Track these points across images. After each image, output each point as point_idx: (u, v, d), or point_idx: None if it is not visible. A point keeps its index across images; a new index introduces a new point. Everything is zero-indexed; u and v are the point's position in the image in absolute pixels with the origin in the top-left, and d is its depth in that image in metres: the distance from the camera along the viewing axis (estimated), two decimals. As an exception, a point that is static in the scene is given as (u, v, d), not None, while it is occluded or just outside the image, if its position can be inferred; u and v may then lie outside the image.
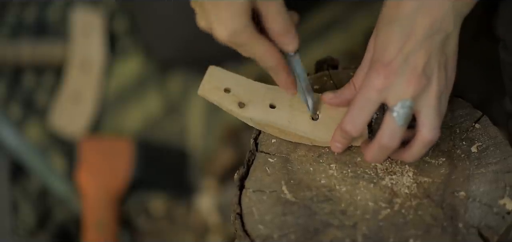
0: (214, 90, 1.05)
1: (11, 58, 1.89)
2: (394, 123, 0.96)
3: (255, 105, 1.04)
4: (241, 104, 1.04)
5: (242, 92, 1.05)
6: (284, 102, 1.05)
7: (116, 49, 1.95)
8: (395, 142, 0.97)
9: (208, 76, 1.06)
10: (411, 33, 0.95)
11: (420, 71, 0.95)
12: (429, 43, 0.95)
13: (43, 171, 1.75)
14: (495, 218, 0.96)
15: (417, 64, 0.95)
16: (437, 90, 0.96)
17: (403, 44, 0.95)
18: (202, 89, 1.05)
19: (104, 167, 1.81)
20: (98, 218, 1.75)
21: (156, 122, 1.89)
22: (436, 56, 0.96)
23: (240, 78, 1.06)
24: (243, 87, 1.05)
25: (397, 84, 0.95)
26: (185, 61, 1.88)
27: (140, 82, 1.91)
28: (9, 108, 1.87)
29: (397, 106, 0.96)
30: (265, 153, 1.04)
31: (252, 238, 0.97)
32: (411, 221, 0.97)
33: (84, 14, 1.95)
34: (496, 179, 0.99)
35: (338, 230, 0.97)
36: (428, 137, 0.97)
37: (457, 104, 1.07)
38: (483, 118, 1.05)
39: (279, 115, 1.04)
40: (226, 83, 1.05)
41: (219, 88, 1.05)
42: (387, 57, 0.95)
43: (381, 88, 0.95)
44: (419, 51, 0.95)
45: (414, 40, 0.95)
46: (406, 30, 0.95)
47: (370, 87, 0.96)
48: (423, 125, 0.97)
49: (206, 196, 1.82)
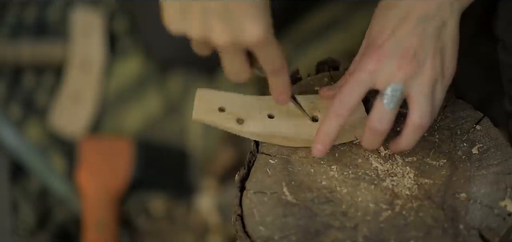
0: (209, 112, 1.03)
1: (11, 58, 1.89)
2: (382, 106, 0.96)
3: (254, 119, 1.04)
4: (240, 121, 1.03)
5: (237, 108, 1.04)
6: (281, 110, 1.05)
7: (116, 49, 1.95)
8: (384, 125, 0.97)
9: (199, 99, 1.04)
10: (405, 17, 0.95)
11: (412, 55, 0.95)
12: (423, 28, 0.95)
13: (43, 171, 1.75)
14: (496, 219, 0.96)
15: (409, 48, 0.95)
16: (430, 77, 0.96)
17: (396, 28, 0.95)
18: (196, 113, 1.03)
19: (104, 167, 1.81)
20: (98, 218, 1.75)
21: (156, 122, 1.89)
22: (431, 42, 0.96)
23: (231, 95, 1.05)
24: (237, 103, 1.04)
25: (387, 67, 0.95)
26: (185, 61, 1.87)
27: (140, 82, 1.91)
28: (9, 108, 1.87)
29: (387, 90, 0.96)
30: (266, 154, 1.04)
31: (253, 239, 0.97)
32: (412, 223, 0.97)
33: (84, 14, 1.95)
34: (497, 180, 0.99)
35: (339, 231, 0.97)
36: (417, 121, 0.97)
37: (458, 106, 1.07)
38: (484, 120, 1.05)
39: (281, 123, 1.04)
40: (218, 103, 1.04)
41: (213, 109, 1.03)
42: (379, 41, 0.96)
43: (372, 71, 0.96)
44: (412, 35, 0.95)
45: (408, 24, 0.95)
46: (401, 15, 0.95)
47: (362, 69, 0.96)
48: (413, 109, 0.97)
49: (206, 196, 1.82)
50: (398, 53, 0.95)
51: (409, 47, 0.95)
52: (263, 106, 1.05)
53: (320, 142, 1.00)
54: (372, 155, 1.04)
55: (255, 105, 1.05)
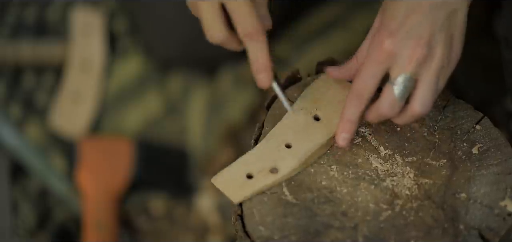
0: (244, 187, 1.00)
1: (11, 58, 1.89)
2: (393, 96, 0.97)
3: (283, 159, 1.02)
4: (274, 170, 1.01)
5: (261, 163, 1.01)
6: (290, 135, 1.03)
7: (116, 49, 1.95)
8: (394, 113, 0.98)
9: (223, 186, 1.00)
10: (417, 5, 0.95)
11: (424, 43, 0.95)
12: (435, 15, 0.95)
13: (43, 171, 1.75)
14: (496, 219, 0.96)
15: (422, 36, 0.95)
16: (438, 65, 0.96)
17: (409, 15, 0.95)
18: (235, 198, 0.99)
19: (104, 167, 1.81)
20: (98, 218, 1.75)
21: (156, 122, 1.89)
22: (442, 30, 0.96)
23: (244, 158, 1.02)
24: (255, 158, 1.02)
25: (401, 54, 0.95)
26: (185, 61, 1.87)
27: (140, 82, 1.91)
28: (9, 108, 1.87)
29: (398, 80, 0.96)
30: (266, 154, 1.04)
31: (253, 239, 0.97)
32: (412, 223, 0.97)
33: (84, 14, 1.95)
34: (497, 180, 0.99)
35: (339, 231, 0.97)
36: (417, 110, 0.98)
37: (458, 106, 1.07)
38: (484, 120, 1.05)
39: (301, 145, 1.03)
40: (240, 173, 1.01)
41: (244, 181, 1.00)
42: (392, 26, 0.95)
43: (390, 52, 0.95)
44: (425, 23, 0.95)
45: (420, 11, 0.95)
46: (413, 2, 0.95)
47: (380, 49, 0.96)
48: (416, 98, 0.97)
49: (206, 196, 1.82)
50: (412, 40, 0.95)
51: (422, 35, 0.95)
52: (276, 144, 1.03)
53: (346, 130, 1.01)
54: (372, 155, 1.04)
55: (269, 147, 1.03)
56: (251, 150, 1.03)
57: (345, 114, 1.01)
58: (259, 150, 1.02)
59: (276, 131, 1.04)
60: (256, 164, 1.01)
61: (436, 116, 1.06)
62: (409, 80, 0.96)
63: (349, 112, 1.00)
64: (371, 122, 1.03)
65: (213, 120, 1.87)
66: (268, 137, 1.03)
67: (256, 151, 1.02)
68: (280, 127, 1.04)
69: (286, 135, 1.03)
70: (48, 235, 1.77)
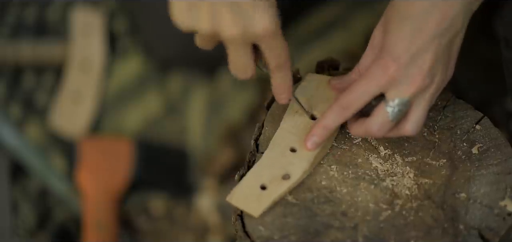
0: (260, 199, 0.99)
1: (11, 58, 1.89)
2: (386, 116, 0.97)
3: (291, 164, 1.01)
4: (286, 177, 1.01)
5: (272, 172, 1.01)
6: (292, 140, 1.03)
7: (116, 49, 1.95)
8: (382, 134, 0.99)
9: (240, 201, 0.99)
10: (421, 30, 0.95)
11: (425, 73, 0.95)
12: (437, 43, 0.95)
13: (43, 171, 1.75)
14: (496, 219, 0.96)
15: (424, 65, 0.95)
16: (434, 91, 0.97)
17: (412, 42, 0.95)
18: (255, 211, 0.98)
19: (104, 167, 1.81)
20: (98, 218, 1.75)
21: (156, 122, 1.89)
22: (443, 57, 0.96)
23: (254, 170, 1.01)
24: (265, 169, 1.01)
25: (401, 81, 0.96)
26: (185, 61, 1.87)
27: (140, 82, 1.91)
28: (9, 108, 1.87)
29: (394, 102, 0.96)
30: (265, 154, 1.04)
31: (252, 239, 0.97)
32: (412, 222, 0.97)
33: (84, 14, 1.95)
34: (497, 180, 0.99)
35: (339, 231, 0.97)
36: (409, 131, 0.99)
37: (458, 106, 1.07)
38: (484, 120, 1.05)
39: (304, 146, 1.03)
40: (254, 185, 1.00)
41: (259, 193, 0.99)
42: (396, 53, 0.95)
43: (386, 81, 0.96)
44: (427, 51, 0.95)
45: (423, 38, 0.95)
46: (417, 27, 0.95)
47: (374, 78, 0.97)
48: (409, 120, 0.98)
49: (206, 196, 1.82)
50: (414, 69, 0.95)
51: (424, 64, 0.95)
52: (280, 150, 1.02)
53: (318, 134, 1.01)
54: (372, 154, 1.04)
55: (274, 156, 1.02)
56: (258, 162, 1.02)
57: (323, 120, 1.00)
58: (266, 160, 1.02)
59: (278, 138, 1.04)
60: (267, 174, 1.00)
61: (436, 116, 1.06)
62: (405, 104, 0.96)
63: (329, 119, 1.00)
64: (354, 135, 1.03)
65: (213, 120, 1.87)
66: (271, 146, 1.03)
67: (263, 161, 1.02)
68: (281, 133, 1.04)
69: (289, 139, 1.03)
70: (48, 235, 1.77)
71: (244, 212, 0.98)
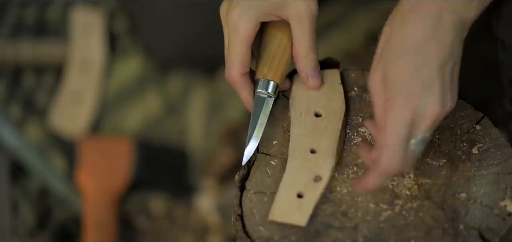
0: (300, 207, 0.98)
1: (11, 58, 1.89)
2: (414, 155, 0.95)
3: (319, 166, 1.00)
4: (317, 178, 1.00)
5: (303, 178, 1.00)
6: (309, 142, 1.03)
7: (116, 49, 1.95)
8: (405, 168, 0.96)
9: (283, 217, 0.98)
10: (425, 63, 0.93)
11: (439, 100, 0.94)
12: (442, 72, 0.94)
13: (43, 171, 1.75)
14: (496, 219, 0.96)
15: (436, 92, 0.94)
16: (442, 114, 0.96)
17: (418, 71, 0.93)
18: (301, 219, 0.97)
19: (104, 167, 1.81)
20: (98, 218, 1.75)
21: (156, 122, 1.89)
22: (447, 84, 0.95)
23: (285, 181, 1.00)
24: (296, 177, 1.00)
25: (420, 114, 0.94)
26: (185, 61, 1.87)
27: (140, 82, 1.91)
28: (9, 108, 1.87)
29: (417, 139, 0.95)
30: (266, 154, 1.04)
31: (253, 239, 0.97)
32: (412, 223, 0.97)
33: (84, 14, 1.95)
34: (497, 180, 0.99)
35: (339, 231, 0.97)
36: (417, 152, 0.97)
37: (458, 106, 1.07)
38: (484, 120, 1.05)
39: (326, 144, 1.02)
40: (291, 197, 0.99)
41: (298, 203, 0.98)
42: (406, 90, 0.93)
43: (410, 122, 0.94)
44: (435, 81, 0.93)
45: (430, 69, 0.93)
46: (420, 59, 0.93)
47: (401, 123, 0.94)
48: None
49: (206, 196, 1.82)
50: (429, 98, 0.94)
51: (436, 92, 0.94)
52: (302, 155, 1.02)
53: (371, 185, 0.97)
54: (372, 155, 1.04)
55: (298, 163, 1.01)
56: (285, 173, 1.01)
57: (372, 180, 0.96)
58: (292, 169, 1.01)
59: (294, 145, 1.03)
60: (298, 181, 1.00)
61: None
62: (427, 138, 0.95)
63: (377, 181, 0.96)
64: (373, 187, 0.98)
65: (213, 120, 1.87)
66: (290, 154, 1.02)
67: (289, 172, 1.01)
68: (295, 139, 1.03)
69: (305, 142, 1.03)
70: (48, 235, 1.77)
71: (289, 223, 0.97)
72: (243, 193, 1.01)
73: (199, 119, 1.88)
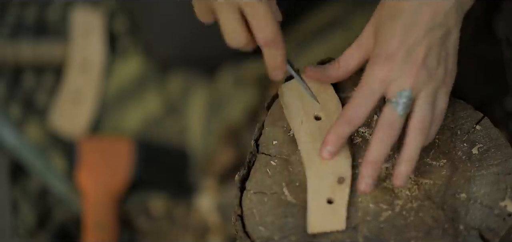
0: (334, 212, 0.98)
1: (11, 58, 1.89)
2: (393, 112, 0.97)
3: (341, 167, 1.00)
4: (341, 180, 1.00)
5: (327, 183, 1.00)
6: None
7: (116, 49, 1.95)
8: (395, 132, 0.97)
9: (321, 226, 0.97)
10: (413, 25, 0.95)
11: (420, 65, 0.96)
12: (430, 36, 0.96)
13: (43, 171, 1.75)
14: (496, 220, 0.96)
15: (418, 58, 0.96)
16: (434, 86, 0.97)
17: (405, 37, 0.96)
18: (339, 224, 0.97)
19: (104, 167, 1.81)
20: (98, 218, 1.75)
21: (156, 122, 1.89)
22: (437, 50, 0.96)
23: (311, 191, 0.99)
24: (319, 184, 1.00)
25: (398, 76, 0.96)
26: (185, 61, 1.87)
27: (140, 82, 1.91)
28: (9, 108, 1.87)
29: (396, 97, 0.96)
30: (266, 155, 1.04)
31: (253, 239, 0.97)
32: (412, 223, 0.97)
33: (84, 14, 1.95)
34: (497, 180, 0.99)
35: (339, 232, 0.97)
36: (417, 125, 0.97)
37: (458, 106, 1.07)
38: (484, 120, 1.05)
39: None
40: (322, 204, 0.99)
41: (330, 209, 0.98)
42: (389, 50, 0.96)
43: (383, 79, 0.96)
44: (420, 45, 0.96)
45: (416, 32, 0.95)
46: (409, 22, 0.95)
47: (373, 77, 0.97)
48: (415, 114, 0.97)
49: (206, 196, 1.82)
50: (408, 63, 0.96)
51: (418, 57, 0.96)
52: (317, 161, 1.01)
53: (331, 143, 1.00)
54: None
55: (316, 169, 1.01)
56: (308, 184, 1.00)
57: (334, 130, 0.99)
58: (314, 178, 1.00)
59: (307, 154, 1.02)
60: (324, 187, 0.99)
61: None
62: (406, 96, 0.96)
63: (339, 130, 0.99)
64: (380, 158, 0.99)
65: (213, 120, 1.87)
66: (306, 165, 1.01)
67: (313, 180, 1.00)
68: (306, 148, 1.03)
69: (317, 148, 1.02)
70: (48, 235, 1.77)
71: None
72: (243, 193, 1.01)
73: (199, 119, 1.88)
